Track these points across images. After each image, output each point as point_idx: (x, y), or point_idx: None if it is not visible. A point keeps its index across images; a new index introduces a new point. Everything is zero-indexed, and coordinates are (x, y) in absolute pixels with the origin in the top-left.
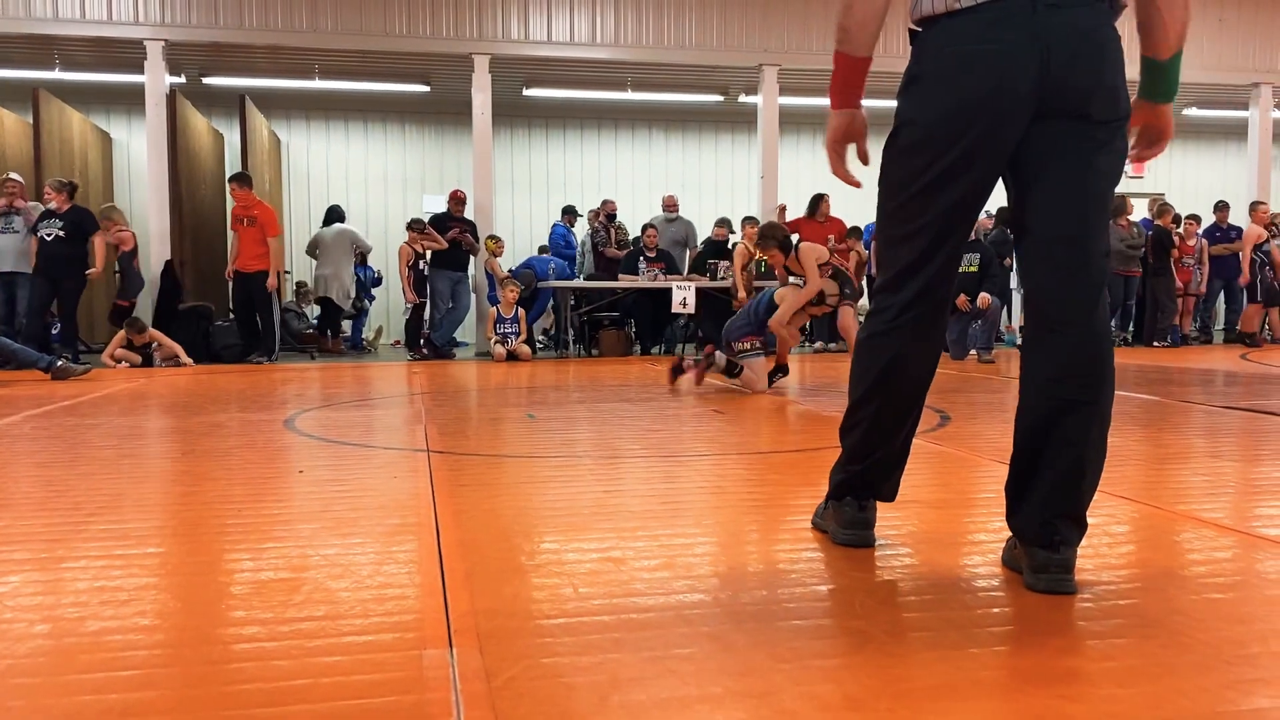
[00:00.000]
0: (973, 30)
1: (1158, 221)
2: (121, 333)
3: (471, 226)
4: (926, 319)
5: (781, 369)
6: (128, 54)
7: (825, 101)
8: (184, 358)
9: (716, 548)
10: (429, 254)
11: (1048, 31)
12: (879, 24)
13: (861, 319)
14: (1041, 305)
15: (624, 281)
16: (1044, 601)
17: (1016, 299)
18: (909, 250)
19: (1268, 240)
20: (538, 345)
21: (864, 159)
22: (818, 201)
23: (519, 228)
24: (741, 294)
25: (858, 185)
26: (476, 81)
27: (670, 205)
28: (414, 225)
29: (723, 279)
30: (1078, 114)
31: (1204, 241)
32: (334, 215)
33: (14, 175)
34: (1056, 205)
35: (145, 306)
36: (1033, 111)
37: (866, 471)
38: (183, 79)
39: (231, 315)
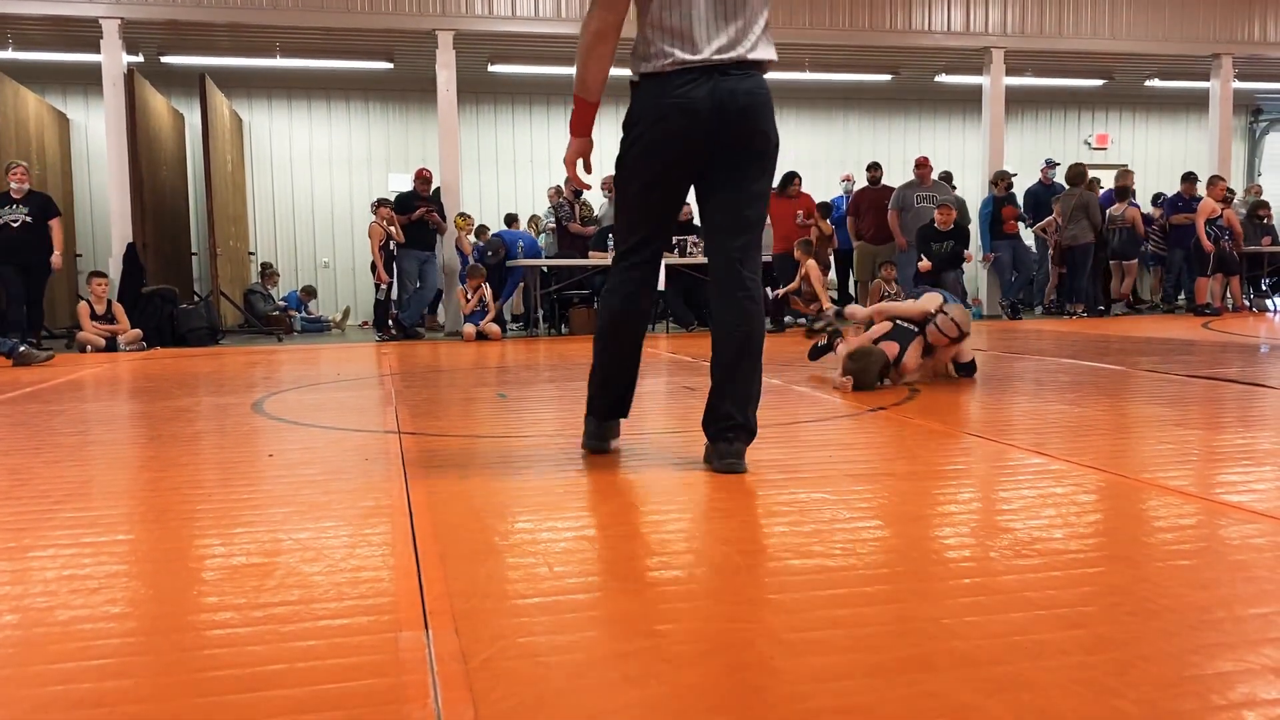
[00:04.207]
0: (669, 89)
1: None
2: (85, 311)
3: (438, 205)
4: (640, 289)
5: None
6: (83, 32)
7: (797, 76)
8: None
9: (690, 523)
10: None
11: (721, 93)
12: (606, 77)
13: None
14: (719, 277)
15: (594, 259)
16: (1012, 570)
17: (982, 280)
18: (630, 235)
19: (1220, 214)
20: (508, 328)
21: (589, 170)
22: (788, 180)
23: (486, 205)
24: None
25: (587, 188)
26: (440, 58)
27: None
28: (384, 202)
29: (691, 254)
30: (742, 149)
31: (1134, 212)
32: None
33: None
34: (725, 209)
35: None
36: (710, 145)
37: (606, 399)
38: (140, 58)
39: (196, 298)
